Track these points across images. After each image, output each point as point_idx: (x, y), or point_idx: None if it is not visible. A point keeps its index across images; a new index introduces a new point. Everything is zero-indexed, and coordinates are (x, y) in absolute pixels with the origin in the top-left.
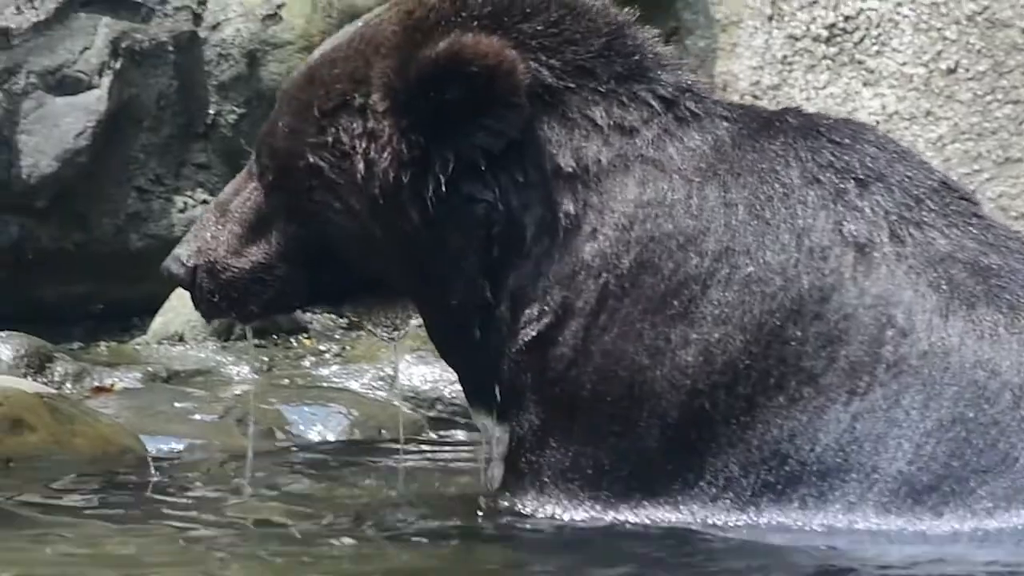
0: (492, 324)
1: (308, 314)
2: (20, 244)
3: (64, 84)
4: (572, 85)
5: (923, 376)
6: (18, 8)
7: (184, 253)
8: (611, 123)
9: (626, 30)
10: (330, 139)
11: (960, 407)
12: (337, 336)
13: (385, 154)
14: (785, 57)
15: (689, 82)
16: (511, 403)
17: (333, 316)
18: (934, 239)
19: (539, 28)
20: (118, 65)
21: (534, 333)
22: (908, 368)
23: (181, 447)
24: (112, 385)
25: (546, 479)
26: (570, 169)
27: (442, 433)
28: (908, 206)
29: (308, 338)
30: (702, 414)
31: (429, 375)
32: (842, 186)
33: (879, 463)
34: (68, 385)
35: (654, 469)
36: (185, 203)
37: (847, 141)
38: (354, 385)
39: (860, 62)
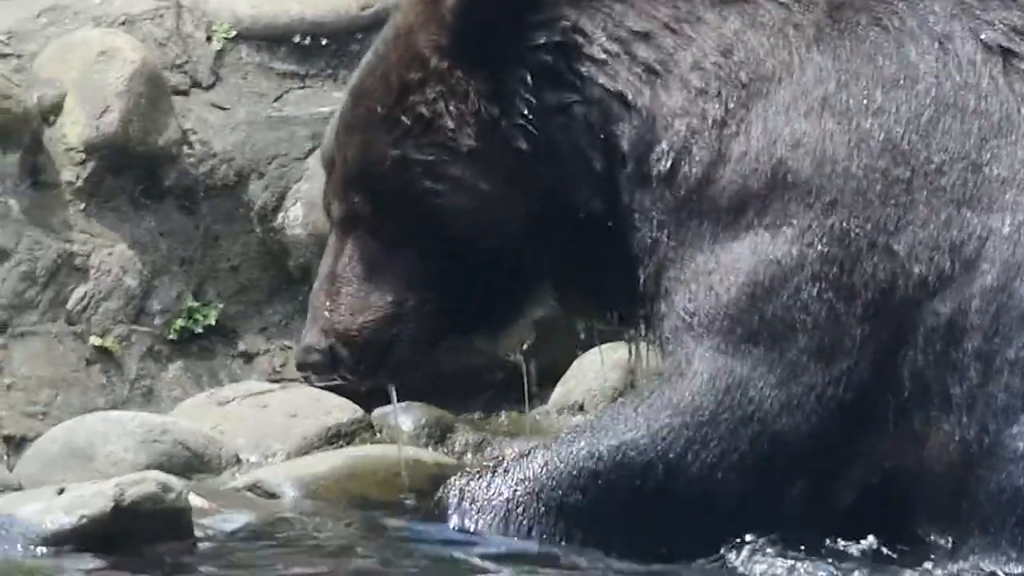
0: (623, 207)
1: None
2: None
3: None
4: None
5: None
6: None
7: (313, 339)
8: None
9: None
10: (408, 120)
11: None
12: None
13: (469, 101)
14: None
15: None
16: (653, 278)
17: None
18: None
19: None
20: None
21: (667, 165)
22: None
23: None
24: None
25: (702, 300)
26: (644, 28)
27: None
28: None
29: None
30: (857, 197)
31: None
32: (963, 1)
33: None
34: (468, 455)
35: (810, 254)
36: None
37: None
38: None
39: None
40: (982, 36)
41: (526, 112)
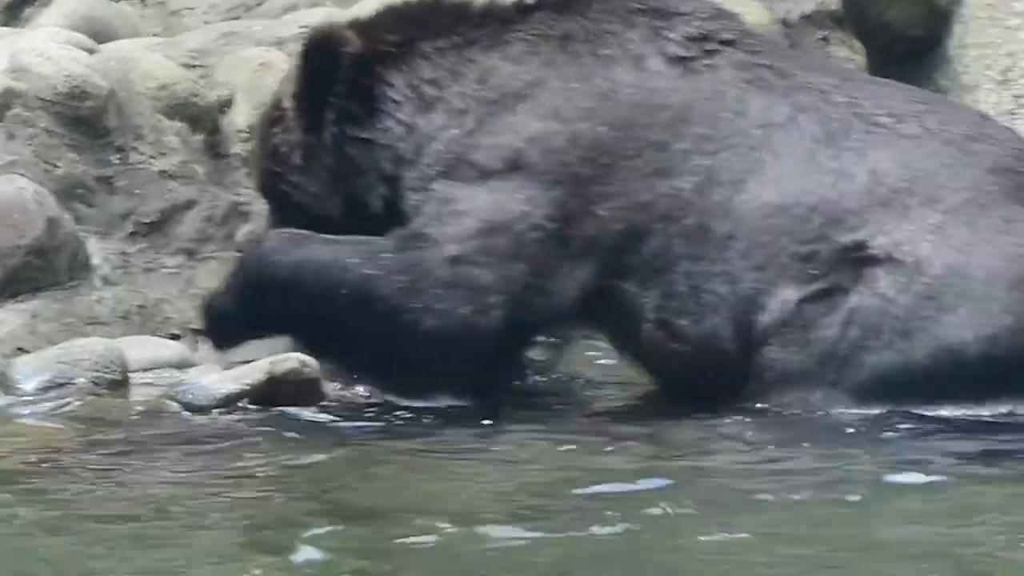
0: (404, 191)
1: None
2: None
3: None
4: (412, 43)
5: (767, 142)
6: None
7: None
8: (449, 44)
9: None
10: (269, 145)
11: (798, 174)
12: None
13: (297, 131)
14: (1011, 111)
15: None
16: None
17: None
18: (734, 51)
19: (376, 20)
20: None
21: (434, 156)
22: (748, 137)
23: None
24: None
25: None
26: (432, 76)
27: None
28: (703, 29)
29: None
30: (572, 179)
31: None
32: (654, 23)
33: (735, 201)
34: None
35: (534, 213)
36: None
37: None
38: None
39: None
40: (667, 51)
41: (331, 141)
